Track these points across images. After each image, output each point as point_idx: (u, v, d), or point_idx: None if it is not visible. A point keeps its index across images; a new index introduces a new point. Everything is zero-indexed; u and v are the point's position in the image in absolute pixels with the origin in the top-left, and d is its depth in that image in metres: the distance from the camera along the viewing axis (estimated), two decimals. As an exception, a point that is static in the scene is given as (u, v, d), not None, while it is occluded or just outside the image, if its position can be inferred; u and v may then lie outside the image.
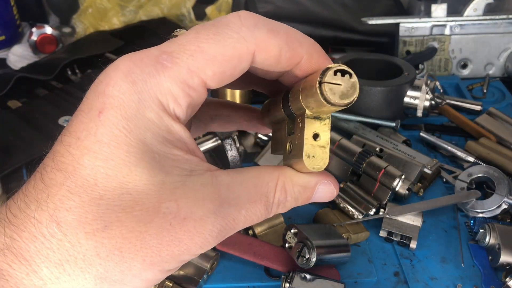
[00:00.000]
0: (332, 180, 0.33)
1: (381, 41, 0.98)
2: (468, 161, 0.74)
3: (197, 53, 0.28)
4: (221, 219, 0.29)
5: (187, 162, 0.29)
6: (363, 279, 0.57)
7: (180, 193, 0.28)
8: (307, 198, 0.33)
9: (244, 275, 0.57)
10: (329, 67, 0.28)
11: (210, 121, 0.40)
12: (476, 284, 0.57)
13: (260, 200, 0.30)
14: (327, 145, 0.30)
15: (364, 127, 0.77)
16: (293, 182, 0.32)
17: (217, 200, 0.29)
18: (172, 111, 0.28)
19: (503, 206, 0.65)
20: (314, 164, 0.30)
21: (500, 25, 0.93)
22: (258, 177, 0.31)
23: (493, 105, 0.86)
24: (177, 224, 0.27)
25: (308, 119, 0.30)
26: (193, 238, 0.28)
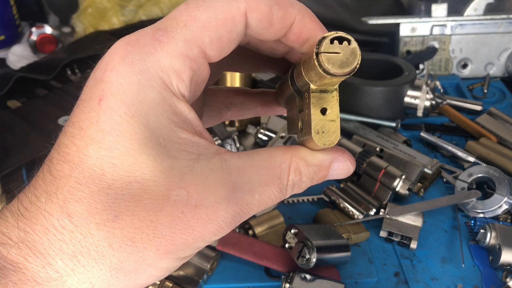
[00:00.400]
0: (348, 156, 0.32)
1: (381, 41, 0.98)
2: (468, 161, 0.74)
3: (191, 22, 0.27)
4: (234, 205, 0.28)
5: (195, 145, 0.28)
6: (363, 279, 0.57)
7: (189, 179, 0.27)
8: (322, 176, 0.32)
9: (244, 276, 0.57)
10: (325, 36, 0.27)
11: (225, 110, 0.39)
12: (476, 284, 0.57)
13: (273, 183, 0.29)
14: (337, 118, 0.29)
15: (364, 127, 0.77)
16: (308, 162, 0.31)
17: (228, 185, 0.28)
18: (176, 88, 0.27)
19: (504, 206, 0.64)
20: (325, 139, 0.29)
21: (500, 25, 0.92)
22: (270, 160, 0.30)
23: (493, 105, 0.85)
24: (189, 212, 0.27)
25: (313, 93, 0.29)
26: (206, 226, 0.27)
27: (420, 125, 0.82)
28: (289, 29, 0.29)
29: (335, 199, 0.65)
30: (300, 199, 0.68)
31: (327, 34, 0.27)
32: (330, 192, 0.66)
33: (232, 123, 0.76)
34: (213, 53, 0.28)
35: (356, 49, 0.27)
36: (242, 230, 0.61)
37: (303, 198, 0.68)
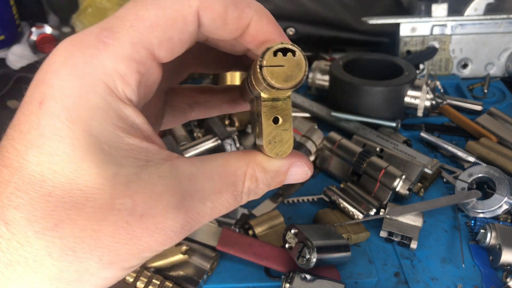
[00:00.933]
0: (305, 161, 0.31)
1: (381, 41, 0.98)
2: (468, 161, 0.74)
3: (137, 22, 0.26)
4: (184, 213, 0.27)
5: (143, 151, 0.26)
6: (364, 279, 0.57)
7: (135, 187, 0.26)
8: (280, 182, 0.31)
9: (244, 276, 0.57)
10: (268, 48, 0.26)
11: (189, 110, 0.37)
12: (476, 284, 0.57)
13: (227, 190, 0.29)
14: (290, 127, 0.28)
15: (365, 127, 0.77)
16: (264, 168, 0.30)
17: (178, 193, 0.27)
18: (121, 92, 0.26)
19: (504, 206, 0.64)
20: (277, 150, 0.28)
21: (500, 25, 0.92)
22: (224, 166, 0.29)
23: (493, 105, 0.85)
24: (134, 221, 0.25)
25: (265, 102, 0.28)
26: (153, 236, 0.26)
27: (420, 125, 0.82)
28: (245, 30, 0.28)
29: (335, 199, 0.65)
30: (300, 199, 0.68)
31: (271, 45, 0.26)
32: (330, 192, 0.66)
33: (232, 123, 0.76)
34: (163, 54, 0.27)
35: (302, 61, 0.26)
36: (242, 230, 0.61)
37: (303, 198, 0.68)
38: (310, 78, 0.86)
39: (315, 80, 0.85)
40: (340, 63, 0.82)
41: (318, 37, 0.98)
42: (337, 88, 0.80)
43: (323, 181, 0.72)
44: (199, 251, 0.56)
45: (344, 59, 0.83)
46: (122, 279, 0.52)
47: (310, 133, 0.70)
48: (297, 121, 0.72)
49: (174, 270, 0.55)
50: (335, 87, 0.81)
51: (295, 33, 0.96)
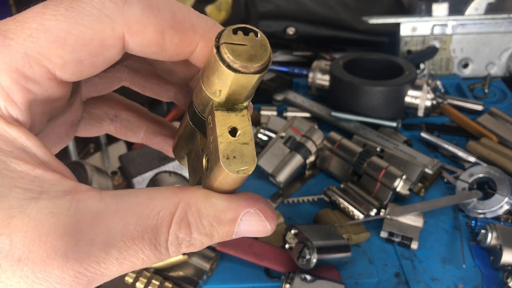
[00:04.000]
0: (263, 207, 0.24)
1: (382, 41, 0.98)
2: (469, 161, 0.74)
3: (40, 33, 0.21)
4: (75, 262, 0.21)
5: (36, 181, 0.22)
6: (364, 280, 0.57)
7: (16, 224, 0.21)
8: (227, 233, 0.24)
9: (244, 276, 0.57)
10: (225, 28, 0.22)
11: (107, 122, 0.32)
12: (477, 285, 0.57)
13: (143, 238, 0.22)
14: (251, 141, 0.23)
15: (365, 127, 0.77)
16: (201, 211, 0.23)
17: (71, 235, 0.21)
18: (4, 110, 0.22)
19: (505, 207, 0.64)
20: (237, 166, 0.22)
21: (501, 25, 0.92)
22: (145, 204, 0.22)
23: (494, 105, 0.85)
24: (10, 267, 0.20)
25: (218, 111, 0.23)
26: (33, 287, 0.21)
27: (421, 125, 0.82)
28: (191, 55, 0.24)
29: (335, 199, 0.65)
30: (300, 199, 0.68)
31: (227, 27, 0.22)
32: (330, 192, 0.66)
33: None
34: (66, 76, 0.22)
35: (266, 42, 0.22)
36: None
37: (303, 198, 0.68)
38: (310, 77, 0.85)
39: (315, 80, 0.85)
40: (341, 62, 0.82)
41: (318, 36, 0.97)
42: (337, 88, 0.80)
43: (323, 181, 0.72)
44: (199, 252, 0.56)
45: (345, 59, 0.83)
46: (122, 280, 0.52)
47: (310, 133, 0.70)
48: (297, 121, 0.72)
49: (174, 271, 0.55)
50: (335, 87, 0.81)
51: (295, 32, 0.96)
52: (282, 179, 0.68)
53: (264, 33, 0.23)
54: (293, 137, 0.70)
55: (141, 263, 0.23)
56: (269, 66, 0.22)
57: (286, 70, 0.94)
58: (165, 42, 0.23)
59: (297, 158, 0.69)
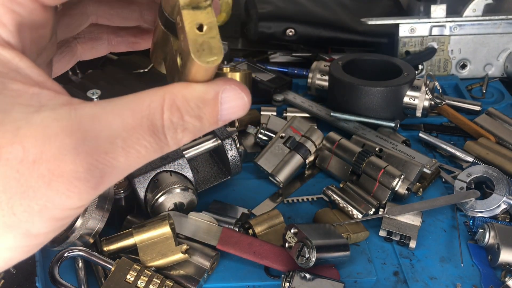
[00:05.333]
0: (238, 84, 0.26)
1: (380, 42, 0.98)
2: (467, 161, 0.74)
3: None
4: (86, 155, 0.22)
5: (34, 97, 0.23)
6: (363, 278, 0.58)
7: (25, 132, 0.22)
8: (211, 112, 0.26)
9: (244, 275, 0.57)
10: None
11: (75, 43, 0.33)
12: (475, 283, 0.58)
13: (141, 125, 0.24)
14: (216, 35, 0.26)
15: (364, 127, 0.77)
16: (186, 96, 0.25)
17: (77, 133, 0.23)
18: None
19: (502, 206, 0.65)
20: (207, 57, 0.25)
21: (499, 26, 0.93)
22: (135, 101, 0.25)
23: (492, 105, 0.86)
24: (26, 170, 0.22)
25: (185, 10, 0.25)
26: (51, 184, 0.22)
27: (419, 125, 0.83)
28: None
29: (335, 198, 0.65)
30: (299, 198, 0.69)
31: None
32: (329, 191, 0.66)
33: (232, 123, 0.77)
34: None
35: None
36: (242, 229, 0.61)
37: (302, 198, 0.69)
38: (309, 78, 0.86)
39: (315, 80, 0.86)
40: (340, 63, 0.82)
41: (317, 37, 0.98)
42: (336, 88, 0.81)
43: (322, 180, 0.72)
44: (199, 250, 0.57)
45: (344, 60, 0.84)
46: (123, 278, 0.52)
47: (310, 133, 0.71)
48: (296, 121, 0.72)
49: (174, 269, 0.56)
50: (334, 87, 0.81)
51: (295, 33, 0.97)
52: (282, 178, 0.68)
53: (264, 34, 0.26)
54: (293, 137, 0.70)
55: (145, 151, 0.24)
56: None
57: (286, 70, 0.95)
58: None
59: (296, 158, 0.69)
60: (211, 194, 0.68)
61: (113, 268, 0.53)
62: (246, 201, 0.67)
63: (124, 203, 0.62)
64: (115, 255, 0.56)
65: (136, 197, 0.61)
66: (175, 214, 0.59)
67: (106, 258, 0.55)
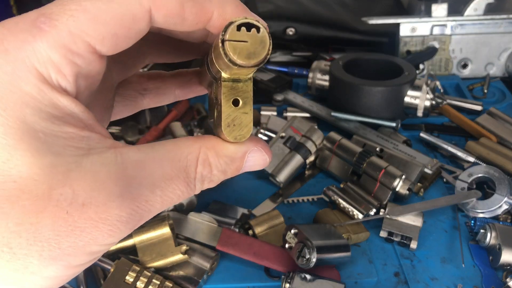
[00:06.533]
0: (263, 146, 0.30)
1: (381, 41, 0.98)
2: (468, 161, 0.74)
3: (79, 13, 0.24)
4: (130, 202, 0.25)
5: (84, 140, 0.25)
6: (364, 279, 0.57)
7: (75, 176, 0.24)
8: (236, 169, 0.29)
9: (244, 276, 0.57)
10: (231, 22, 0.25)
11: (140, 97, 0.36)
12: (476, 284, 0.57)
13: (178, 177, 0.27)
14: (250, 111, 0.27)
15: (365, 127, 0.77)
16: (218, 153, 0.28)
17: (122, 180, 0.25)
18: (55, 82, 0.25)
19: (504, 206, 0.64)
20: (236, 133, 0.27)
21: (500, 25, 0.92)
22: (174, 151, 0.27)
23: (493, 105, 0.85)
24: (75, 211, 0.24)
25: (225, 82, 0.27)
26: (98, 226, 0.24)
27: (420, 125, 0.82)
28: (208, 23, 0.27)
29: (335, 199, 0.65)
30: (300, 199, 0.68)
31: (234, 19, 0.25)
32: (330, 192, 0.66)
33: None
34: (105, 49, 0.26)
35: (266, 38, 0.25)
36: (242, 230, 0.61)
37: (303, 198, 0.68)
38: (310, 78, 0.86)
39: (315, 80, 0.85)
40: (340, 63, 0.82)
41: (318, 37, 0.98)
42: (337, 88, 0.80)
43: (323, 181, 0.72)
44: (199, 251, 0.56)
45: (344, 59, 0.83)
46: (122, 279, 0.52)
47: (310, 133, 0.70)
48: (297, 121, 0.72)
49: (174, 270, 0.55)
50: (335, 87, 0.81)
51: (295, 33, 0.96)
52: (282, 179, 0.68)
53: None
54: (293, 137, 0.70)
55: (177, 198, 0.27)
56: (267, 58, 0.25)
57: (286, 70, 0.94)
58: (185, 13, 0.26)
59: (297, 158, 0.69)
60: (211, 194, 0.67)
61: (112, 268, 0.53)
62: (246, 201, 0.67)
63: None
64: (114, 256, 0.56)
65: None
66: (175, 215, 0.59)
67: (105, 258, 0.55)
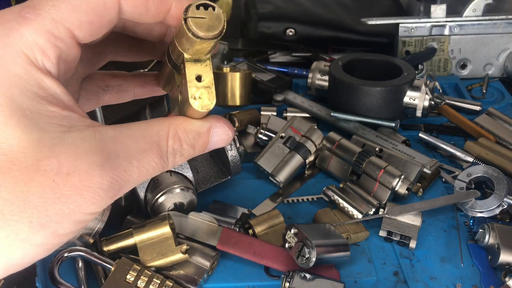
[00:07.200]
0: (226, 122, 0.33)
1: (380, 42, 0.99)
2: (467, 161, 0.74)
3: (60, 3, 0.28)
4: (110, 171, 0.28)
5: (65, 119, 0.28)
6: (363, 278, 0.58)
7: (59, 149, 0.27)
8: (203, 143, 0.33)
9: (244, 275, 0.57)
10: (190, 4, 0.29)
11: (102, 93, 0.39)
12: (475, 283, 0.58)
13: (152, 149, 0.30)
14: (211, 85, 0.31)
15: (364, 127, 0.77)
16: (186, 129, 0.32)
17: (102, 152, 0.28)
18: (41, 64, 0.28)
19: (503, 206, 0.65)
20: (201, 104, 0.31)
21: (499, 26, 0.93)
22: (147, 128, 0.30)
23: (492, 105, 0.86)
24: (61, 180, 0.26)
25: (188, 62, 0.31)
26: (82, 193, 0.27)
27: (419, 125, 0.83)
28: (167, 14, 0.31)
29: (335, 199, 0.65)
30: (299, 198, 0.68)
31: (193, 1, 0.29)
32: (329, 192, 0.66)
33: (232, 123, 0.77)
34: (82, 35, 0.29)
35: (221, 15, 0.29)
36: (242, 229, 0.61)
37: (302, 198, 0.69)
38: (310, 78, 0.86)
39: (315, 80, 0.86)
40: (340, 63, 0.82)
41: (317, 37, 0.98)
42: (336, 88, 0.81)
43: (322, 180, 0.72)
44: (199, 251, 0.57)
45: (344, 60, 0.84)
46: (123, 278, 0.52)
47: (310, 133, 0.71)
48: (296, 121, 0.72)
49: (174, 270, 0.56)
50: (334, 87, 0.81)
51: (295, 33, 0.97)
52: (282, 178, 0.68)
53: (264, 34, 0.31)
54: (293, 137, 0.70)
55: (152, 170, 0.30)
56: (223, 33, 0.29)
57: (286, 70, 0.95)
58: (148, 3, 0.30)
59: (297, 158, 0.69)
60: (211, 194, 0.68)
61: (113, 268, 0.53)
62: (246, 201, 0.67)
63: (124, 203, 0.62)
64: (115, 255, 0.56)
65: (136, 197, 0.61)
66: (175, 214, 0.59)
67: (106, 258, 0.55)
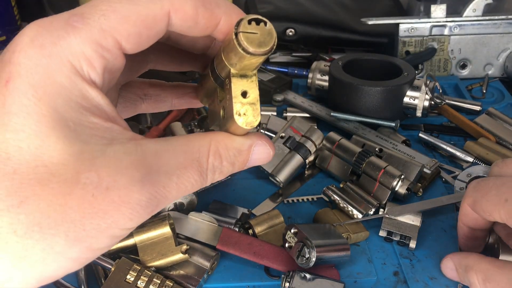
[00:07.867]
0: (267, 140, 0.33)
1: (380, 42, 0.99)
2: (467, 161, 0.74)
3: (110, 12, 0.27)
4: (149, 187, 0.27)
5: (107, 131, 0.27)
6: (363, 278, 0.58)
7: (100, 162, 0.26)
8: (243, 161, 0.32)
9: (244, 275, 0.57)
10: (242, 18, 0.28)
11: (140, 101, 0.39)
12: (475, 283, 0.58)
13: (192, 166, 0.29)
14: (257, 102, 0.31)
15: (364, 127, 0.78)
16: (227, 146, 0.31)
17: (143, 167, 0.27)
18: (86, 74, 0.27)
19: (502, 206, 0.65)
20: (246, 121, 0.30)
21: (499, 26, 0.93)
22: (188, 144, 0.30)
23: (492, 105, 0.86)
24: (100, 195, 0.26)
25: (234, 78, 0.31)
26: (120, 209, 0.26)
27: (419, 125, 0.83)
28: (216, 28, 0.31)
29: (335, 199, 0.65)
30: (300, 199, 0.69)
31: (245, 16, 0.29)
32: (329, 192, 0.66)
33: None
34: (129, 46, 0.28)
35: (272, 31, 0.29)
36: (242, 229, 0.62)
37: (302, 198, 0.69)
38: (309, 78, 0.86)
39: (315, 80, 0.86)
40: (340, 63, 0.82)
41: (317, 37, 0.98)
42: (336, 88, 0.81)
43: (322, 180, 0.72)
44: (199, 251, 0.57)
45: (344, 60, 0.84)
46: (123, 278, 0.52)
47: (310, 133, 0.71)
48: (296, 121, 0.72)
49: (174, 270, 0.56)
50: (334, 87, 0.81)
51: (295, 33, 0.97)
52: (282, 178, 0.68)
53: None
54: (293, 137, 0.70)
55: (191, 187, 0.30)
56: (273, 49, 0.29)
57: (286, 70, 0.95)
58: (198, 17, 0.29)
59: (297, 158, 0.69)
60: (211, 194, 0.68)
61: (113, 268, 0.53)
62: (246, 201, 0.68)
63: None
64: (115, 255, 0.56)
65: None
66: (175, 214, 0.59)
67: (106, 258, 0.55)
